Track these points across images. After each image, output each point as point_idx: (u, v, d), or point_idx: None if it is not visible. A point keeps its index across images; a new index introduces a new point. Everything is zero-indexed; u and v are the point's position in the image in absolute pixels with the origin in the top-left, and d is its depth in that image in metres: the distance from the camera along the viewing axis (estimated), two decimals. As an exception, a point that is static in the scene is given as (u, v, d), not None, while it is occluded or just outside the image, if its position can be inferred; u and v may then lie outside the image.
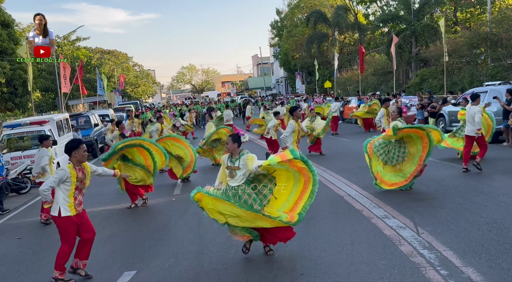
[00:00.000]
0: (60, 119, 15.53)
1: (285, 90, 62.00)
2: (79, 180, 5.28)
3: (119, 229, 7.62)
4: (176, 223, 7.48)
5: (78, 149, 5.25)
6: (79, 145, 5.29)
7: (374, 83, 34.42)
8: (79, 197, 5.33)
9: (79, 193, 5.33)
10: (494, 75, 20.91)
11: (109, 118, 23.59)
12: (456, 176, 9.16)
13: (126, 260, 5.91)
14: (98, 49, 59.12)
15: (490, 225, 5.89)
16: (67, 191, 5.20)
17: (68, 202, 5.20)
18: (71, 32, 40.74)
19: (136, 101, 45.86)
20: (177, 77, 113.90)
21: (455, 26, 30.74)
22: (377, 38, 38.31)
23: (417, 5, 31.82)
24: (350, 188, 8.68)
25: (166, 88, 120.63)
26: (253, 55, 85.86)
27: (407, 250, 5.27)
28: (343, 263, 5.06)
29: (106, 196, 10.45)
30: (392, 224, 6.28)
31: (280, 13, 52.13)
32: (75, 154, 5.24)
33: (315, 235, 6.14)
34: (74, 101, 38.07)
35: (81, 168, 5.33)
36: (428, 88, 22.88)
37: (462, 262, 4.80)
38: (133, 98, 55.10)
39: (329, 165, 11.49)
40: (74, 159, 5.26)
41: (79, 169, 5.29)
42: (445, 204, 7.10)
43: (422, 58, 30.34)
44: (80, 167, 5.33)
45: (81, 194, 5.37)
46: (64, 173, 5.17)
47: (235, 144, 5.37)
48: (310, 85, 46.92)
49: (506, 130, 12.79)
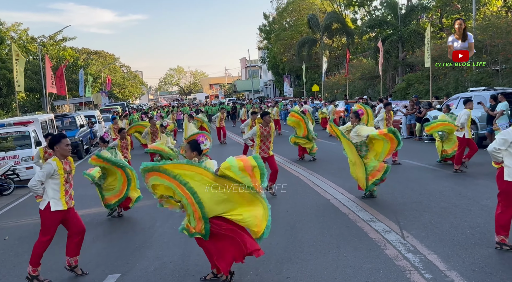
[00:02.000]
0: (44, 120, 15.35)
1: (273, 93, 62.13)
2: (67, 172, 5.28)
3: (104, 231, 7.54)
4: (162, 225, 7.43)
5: (60, 143, 5.24)
6: (61, 139, 5.28)
7: (361, 87, 34.67)
8: (70, 190, 5.34)
9: (70, 186, 5.35)
10: (479, 81, 21.21)
11: (95, 119, 23.39)
12: (440, 180, 9.27)
13: (111, 263, 5.84)
14: (85, 50, 58.62)
15: (474, 229, 5.97)
16: (57, 185, 5.20)
17: (59, 195, 5.20)
18: (57, 32, 40.29)
19: (123, 103, 45.53)
20: (165, 79, 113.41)
21: (441, 32, 31.13)
22: (365, 42, 38.62)
23: (404, 11, 32.19)
24: (337, 191, 8.72)
25: (154, 89, 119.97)
26: (241, 58, 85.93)
27: (392, 253, 5.31)
28: (329, 266, 5.07)
29: (90, 197, 10.31)
30: (377, 227, 6.32)
31: (268, 17, 52.29)
32: (57, 148, 5.24)
33: (302, 238, 6.15)
34: (60, 102, 37.63)
35: (67, 161, 5.33)
36: (415, 93, 23.13)
37: (446, 265, 4.85)
38: (120, 100, 54.68)
39: (316, 168, 11.53)
40: (58, 153, 5.25)
41: (65, 162, 5.29)
42: (429, 207, 7.17)
43: (409, 63, 30.67)
44: (66, 160, 5.33)
45: (71, 187, 5.38)
46: (50, 166, 5.16)
47: (193, 152, 4.89)
48: (298, 89, 47.09)
49: (490, 136, 12.97)
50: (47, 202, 5.20)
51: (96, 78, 47.31)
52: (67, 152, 5.31)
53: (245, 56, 76.94)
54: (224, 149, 17.26)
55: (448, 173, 9.90)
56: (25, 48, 37.31)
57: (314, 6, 45.13)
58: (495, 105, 12.68)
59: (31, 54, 38.07)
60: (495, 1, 27.57)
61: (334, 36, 41.70)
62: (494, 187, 8.18)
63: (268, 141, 8.77)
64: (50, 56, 34.62)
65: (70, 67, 38.21)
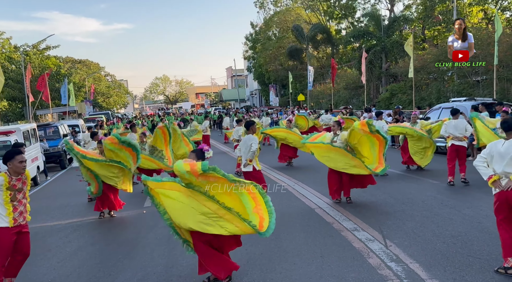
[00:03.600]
0: (27, 129, 15.12)
1: (259, 103, 62.31)
2: (16, 190, 5.00)
3: (86, 242, 7.44)
4: (145, 236, 7.36)
5: (13, 160, 4.99)
6: (14, 155, 5.02)
7: (346, 97, 35.04)
8: (20, 207, 5.05)
9: (20, 204, 5.05)
10: (460, 92, 21.63)
11: (79, 129, 23.13)
12: (423, 189, 9.38)
13: (93, 274, 5.76)
14: (69, 59, 58.00)
15: (455, 238, 6.05)
16: (1, 200, 4.93)
17: (5, 211, 4.93)
18: (40, 41, 39.82)
19: (107, 112, 45.14)
20: (151, 88, 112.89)
21: (423, 43, 31.71)
22: (349, 53, 39.12)
23: (386, 22, 32.75)
24: (321, 201, 8.76)
25: (139, 98, 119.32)
26: (227, 67, 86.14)
27: (375, 262, 5.35)
28: (313, 276, 5.08)
29: (73, 207, 10.21)
30: (361, 236, 6.37)
31: (255, 26, 52.63)
32: (10, 164, 5.01)
33: (286, 247, 6.15)
34: (43, 111, 37.12)
35: (19, 178, 5.06)
36: (398, 104, 23.45)
37: (428, 274, 4.90)
38: (104, 109, 54.19)
39: (301, 177, 11.58)
40: (11, 169, 5.02)
41: (17, 178, 5.02)
42: (412, 216, 7.25)
43: (392, 74, 31.14)
44: (19, 176, 5.07)
45: (21, 204, 5.08)
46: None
47: (199, 160, 5.01)
48: (284, 98, 47.37)
49: (471, 146, 13.19)
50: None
51: (80, 87, 46.84)
52: (21, 169, 5.03)
53: (231, 66, 77.13)
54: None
55: (431, 182, 10.03)
56: (8, 57, 36.86)
57: (300, 17, 45.65)
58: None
59: (14, 63, 37.60)
60: (475, 13, 28.24)
61: (320, 46, 42.15)
62: (475, 196, 8.35)
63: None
64: (33, 65, 34.28)
65: (54, 76, 37.79)
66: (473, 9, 28.08)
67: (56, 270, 5.39)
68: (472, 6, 28.08)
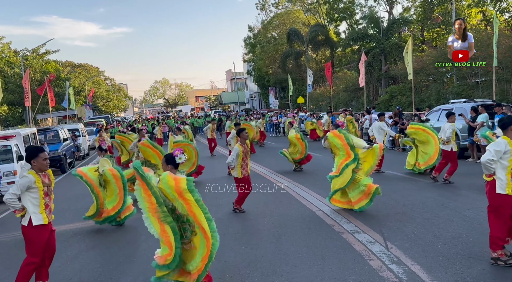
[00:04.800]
0: (27, 134, 15.15)
1: (258, 105, 62.36)
2: (46, 185, 5.10)
3: (87, 246, 7.43)
4: (146, 239, 7.34)
5: (37, 158, 5.05)
6: (38, 153, 5.07)
7: (345, 99, 35.08)
8: (50, 204, 5.17)
9: (49, 200, 5.17)
10: (460, 93, 21.65)
11: (79, 133, 23.14)
12: (423, 190, 9.39)
13: (94, 278, 5.76)
14: (69, 63, 58.08)
15: (456, 240, 6.05)
16: (36, 199, 5.00)
17: (39, 209, 5.01)
18: (40, 45, 39.90)
19: (107, 116, 45.22)
20: (150, 91, 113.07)
21: (422, 45, 31.78)
22: (348, 55, 39.19)
23: (385, 24, 32.82)
24: (322, 203, 8.75)
25: (139, 102, 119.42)
26: (227, 70, 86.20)
27: (376, 264, 5.35)
28: (314, 279, 5.08)
29: (73, 212, 10.19)
30: (362, 238, 6.37)
31: (253, 30, 52.72)
32: (34, 162, 5.06)
33: (287, 250, 6.15)
34: (43, 115, 37.15)
35: (45, 174, 5.16)
36: (398, 105, 23.47)
37: (429, 276, 4.90)
38: (104, 113, 54.25)
39: (301, 180, 11.58)
40: (35, 167, 5.07)
41: (43, 175, 5.11)
42: (413, 218, 7.25)
43: (391, 76, 31.19)
44: (44, 173, 5.15)
45: (51, 200, 5.20)
46: (27, 180, 4.95)
47: (168, 166, 4.85)
48: (284, 101, 47.43)
49: (471, 147, 13.22)
50: (29, 217, 4.99)
51: (79, 91, 46.91)
52: (45, 166, 5.11)
53: (230, 69, 77.27)
54: (215, 161, 17.19)
55: (431, 184, 10.03)
56: (8, 62, 36.91)
57: (298, 20, 45.73)
58: (476, 117, 12.94)
59: (13, 67, 37.66)
60: (474, 14, 28.29)
61: (319, 49, 42.23)
62: (475, 198, 8.35)
63: (247, 158, 8.48)
64: (33, 70, 34.33)
65: (53, 81, 37.86)
66: (472, 11, 28.14)
67: (57, 274, 5.39)
68: (471, 8, 28.15)
